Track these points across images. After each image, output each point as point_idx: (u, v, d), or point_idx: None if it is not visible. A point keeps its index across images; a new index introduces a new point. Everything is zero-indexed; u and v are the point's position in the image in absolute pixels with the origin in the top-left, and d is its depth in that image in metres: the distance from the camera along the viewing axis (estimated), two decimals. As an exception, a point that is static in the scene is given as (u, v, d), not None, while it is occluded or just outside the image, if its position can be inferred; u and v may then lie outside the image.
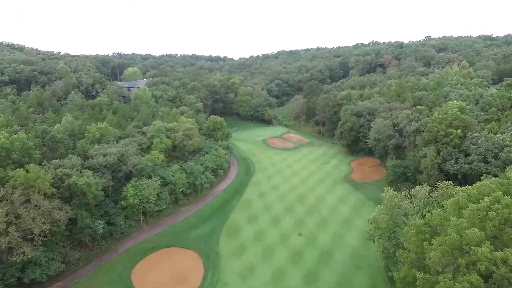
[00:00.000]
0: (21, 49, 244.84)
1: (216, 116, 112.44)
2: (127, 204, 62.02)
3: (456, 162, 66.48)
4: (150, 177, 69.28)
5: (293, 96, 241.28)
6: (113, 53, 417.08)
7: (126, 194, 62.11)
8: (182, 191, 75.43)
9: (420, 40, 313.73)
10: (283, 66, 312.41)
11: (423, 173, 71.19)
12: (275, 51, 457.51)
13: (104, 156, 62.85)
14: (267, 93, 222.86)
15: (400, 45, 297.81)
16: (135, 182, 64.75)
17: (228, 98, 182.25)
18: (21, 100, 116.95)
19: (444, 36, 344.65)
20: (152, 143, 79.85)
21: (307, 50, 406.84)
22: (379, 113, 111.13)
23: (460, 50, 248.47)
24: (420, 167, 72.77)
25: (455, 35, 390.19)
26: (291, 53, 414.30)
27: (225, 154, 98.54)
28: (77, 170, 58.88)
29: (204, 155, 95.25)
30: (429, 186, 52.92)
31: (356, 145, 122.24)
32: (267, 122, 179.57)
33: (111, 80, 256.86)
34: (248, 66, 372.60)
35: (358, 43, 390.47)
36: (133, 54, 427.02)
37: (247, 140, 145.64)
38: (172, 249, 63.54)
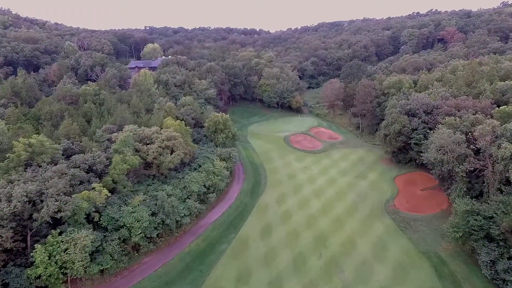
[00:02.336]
0: (42, 24, 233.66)
1: (219, 114, 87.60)
2: (37, 274, 41.29)
3: None
4: (89, 221, 47.76)
5: (330, 77, 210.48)
6: (145, 27, 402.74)
7: (35, 260, 41.24)
8: (145, 235, 53.23)
9: (494, 8, 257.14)
10: (322, 41, 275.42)
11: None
12: (316, 23, 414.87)
13: (8, 199, 41.91)
14: (299, 74, 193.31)
15: (467, 14, 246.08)
16: (53, 238, 43.46)
17: (251, 82, 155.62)
18: None
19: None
20: (111, 163, 57.72)
21: (351, 22, 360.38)
22: (442, 115, 79.64)
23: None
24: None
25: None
26: (333, 25, 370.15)
27: (224, 168, 74.42)
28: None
29: (195, 169, 72.06)
30: None
31: (404, 153, 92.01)
32: (295, 110, 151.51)
33: (133, 57, 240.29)
34: (284, 40, 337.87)
35: (413, 13, 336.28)
36: (164, 27, 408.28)
37: (266, 136, 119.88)
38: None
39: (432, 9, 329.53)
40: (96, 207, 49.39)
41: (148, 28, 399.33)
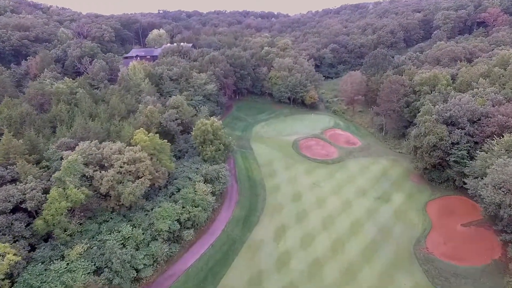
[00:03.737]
0: (46, 9, 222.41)
1: (209, 120, 71.44)
2: None
3: None
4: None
5: (351, 66, 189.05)
6: (158, 11, 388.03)
7: None
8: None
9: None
10: (344, 25, 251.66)
11: None
12: (339, 5, 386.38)
13: None
14: (316, 63, 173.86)
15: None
16: None
17: (260, 73, 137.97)
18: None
19: None
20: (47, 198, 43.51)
21: (377, 4, 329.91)
22: (494, 126, 60.71)
23: None
24: None
25: None
26: (357, 7, 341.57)
27: (209, 193, 59.08)
28: None
29: (172, 195, 57.29)
30: None
31: (440, 170, 73.66)
32: (309, 106, 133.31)
33: (140, 44, 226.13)
34: (303, 24, 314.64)
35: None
36: (178, 11, 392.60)
37: (272, 140, 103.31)
38: None
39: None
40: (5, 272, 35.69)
41: (161, 12, 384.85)
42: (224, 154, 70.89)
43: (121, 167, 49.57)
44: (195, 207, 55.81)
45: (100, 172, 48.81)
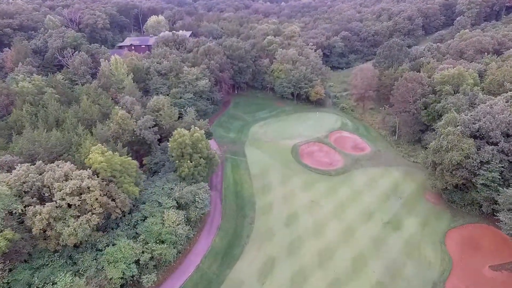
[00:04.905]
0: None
1: (188, 131, 60.40)
2: None
3: None
4: None
5: (364, 55, 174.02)
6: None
7: None
8: None
9: None
10: (358, 10, 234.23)
11: None
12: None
13: None
14: (326, 52, 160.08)
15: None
16: None
17: (261, 66, 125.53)
18: None
19: None
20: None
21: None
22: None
23: None
24: None
25: None
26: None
27: (179, 224, 48.87)
28: None
29: (134, 227, 47.41)
30: None
31: (463, 191, 61.68)
32: (315, 103, 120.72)
33: (141, 31, 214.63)
34: (314, 9, 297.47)
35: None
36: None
37: (270, 144, 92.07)
38: None
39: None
40: None
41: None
42: (205, 170, 60.27)
43: (62, 199, 39.78)
44: (161, 242, 45.85)
45: (35, 206, 39.10)
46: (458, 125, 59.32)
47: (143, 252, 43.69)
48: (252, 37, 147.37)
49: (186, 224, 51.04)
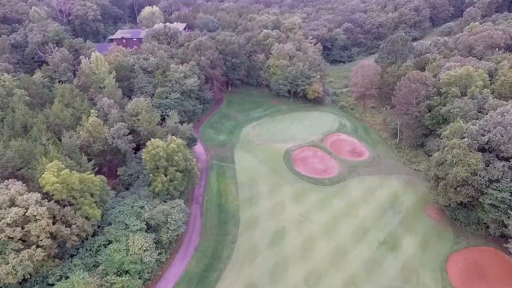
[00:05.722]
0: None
1: (164, 141, 54.66)
2: None
3: None
4: None
5: (367, 49, 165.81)
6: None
7: None
8: None
9: None
10: (362, 0, 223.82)
11: None
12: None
13: None
14: (327, 45, 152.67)
15: None
16: None
17: (256, 61, 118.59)
18: None
19: None
20: None
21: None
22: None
23: None
24: None
25: None
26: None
27: (147, 249, 43.61)
28: None
29: (97, 252, 42.23)
30: None
31: (468, 209, 55.63)
32: (312, 101, 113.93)
33: (136, 22, 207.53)
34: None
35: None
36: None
37: (263, 147, 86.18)
38: None
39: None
40: None
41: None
42: (183, 184, 54.70)
43: (1, 230, 34.66)
44: (125, 273, 40.68)
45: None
46: (464, 137, 52.89)
47: (101, 285, 38.58)
48: (250, 30, 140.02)
49: (156, 248, 45.77)
